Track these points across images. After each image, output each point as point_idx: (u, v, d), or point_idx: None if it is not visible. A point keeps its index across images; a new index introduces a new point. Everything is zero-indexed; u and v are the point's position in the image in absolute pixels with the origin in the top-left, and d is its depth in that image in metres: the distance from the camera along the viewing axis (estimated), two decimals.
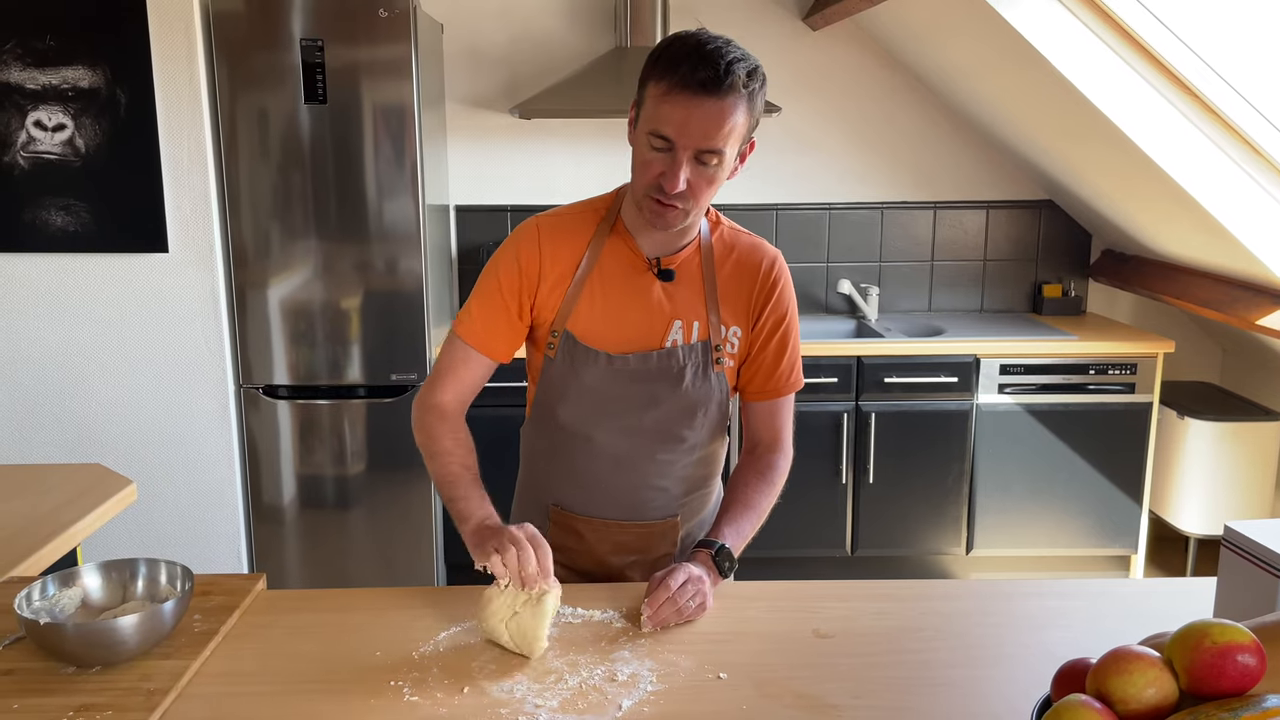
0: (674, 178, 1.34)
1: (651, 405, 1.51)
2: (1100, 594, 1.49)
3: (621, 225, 1.50)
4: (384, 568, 3.39)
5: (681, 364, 1.49)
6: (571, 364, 1.49)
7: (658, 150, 1.34)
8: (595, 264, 1.48)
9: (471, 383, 1.53)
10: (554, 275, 1.48)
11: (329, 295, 3.23)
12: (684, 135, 1.32)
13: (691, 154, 1.33)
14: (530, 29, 3.71)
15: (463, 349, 1.51)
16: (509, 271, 1.49)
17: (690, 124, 1.31)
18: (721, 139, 1.32)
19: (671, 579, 1.35)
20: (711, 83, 1.29)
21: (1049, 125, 3.31)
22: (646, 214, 1.40)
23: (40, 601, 1.28)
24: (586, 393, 1.50)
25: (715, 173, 1.36)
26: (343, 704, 1.17)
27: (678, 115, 1.31)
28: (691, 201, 1.37)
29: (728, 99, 1.31)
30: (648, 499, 1.56)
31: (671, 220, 1.40)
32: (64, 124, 3.07)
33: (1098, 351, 3.42)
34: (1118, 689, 0.87)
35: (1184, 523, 3.51)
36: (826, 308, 3.97)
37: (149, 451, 3.27)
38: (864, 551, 3.55)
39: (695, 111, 1.30)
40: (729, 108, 1.31)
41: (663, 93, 1.32)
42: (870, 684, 1.22)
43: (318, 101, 3.10)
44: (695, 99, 1.30)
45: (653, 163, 1.35)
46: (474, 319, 1.50)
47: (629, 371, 1.49)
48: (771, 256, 1.54)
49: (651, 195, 1.37)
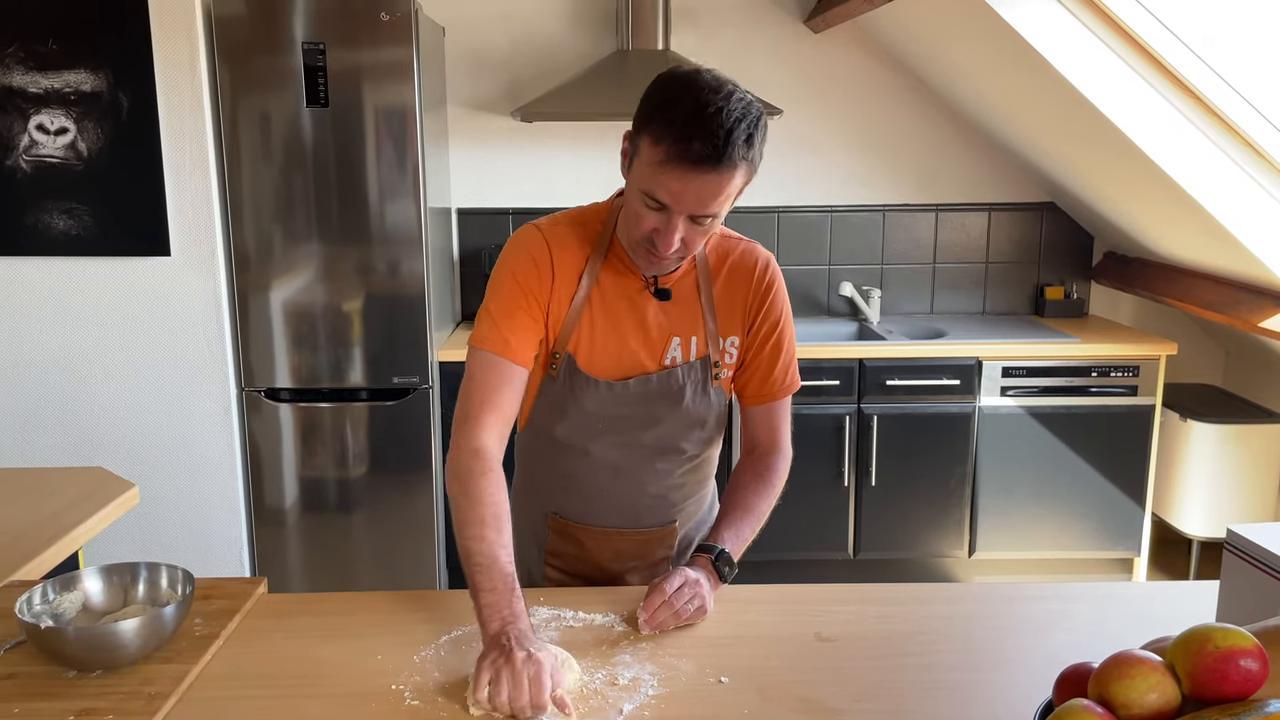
0: (668, 239, 1.31)
1: (652, 424, 1.50)
2: (1103, 598, 1.49)
3: (618, 245, 1.46)
4: (386, 571, 3.39)
5: (681, 383, 1.49)
6: (571, 388, 1.48)
7: (651, 209, 1.31)
8: (594, 285, 1.46)
9: (512, 406, 1.42)
10: (562, 284, 1.44)
11: (331, 298, 3.23)
12: (680, 204, 1.28)
13: (686, 217, 1.30)
14: (532, 32, 3.71)
15: (496, 364, 1.40)
16: (526, 272, 1.42)
17: (686, 195, 1.27)
18: (718, 205, 1.29)
19: (668, 583, 1.35)
20: (711, 158, 1.23)
21: (1051, 127, 3.30)
22: (640, 258, 1.39)
23: (41, 605, 1.28)
24: (585, 414, 1.49)
25: (711, 226, 1.34)
26: (344, 708, 1.17)
27: (674, 186, 1.26)
28: (685, 252, 1.36)
29: (726, 171, 1.25)
30: (646, 506, 1.56)
31: (664, 267, 1.40)
32: (66, 127, 3.08)
33: (1100, 354, 3.42)
34: (1120, 694, 0.86)
35: (1187, 526, 3.50)
36: (828, 310, 3.96)
37: (151, 455, 3.27)
38: (866, 554, 3.54)
39: (692, 184, 1.26)
40: (726, 178, 1.26)
41: (658, 160, 1.25)
42: (872, 687, 1.21)
43: (319, 105, 3.10)
44: (691, 172, 1.24)
45: (645, 218, 1.32)
46: (499, 327, 1.40)
47: (629, 395, 1.48)
48: (765, 260, 1.52)
49: (645, 245, 1.35)
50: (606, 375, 1.47)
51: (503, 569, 1.28)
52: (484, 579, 1.27)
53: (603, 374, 1.47)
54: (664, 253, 1.33)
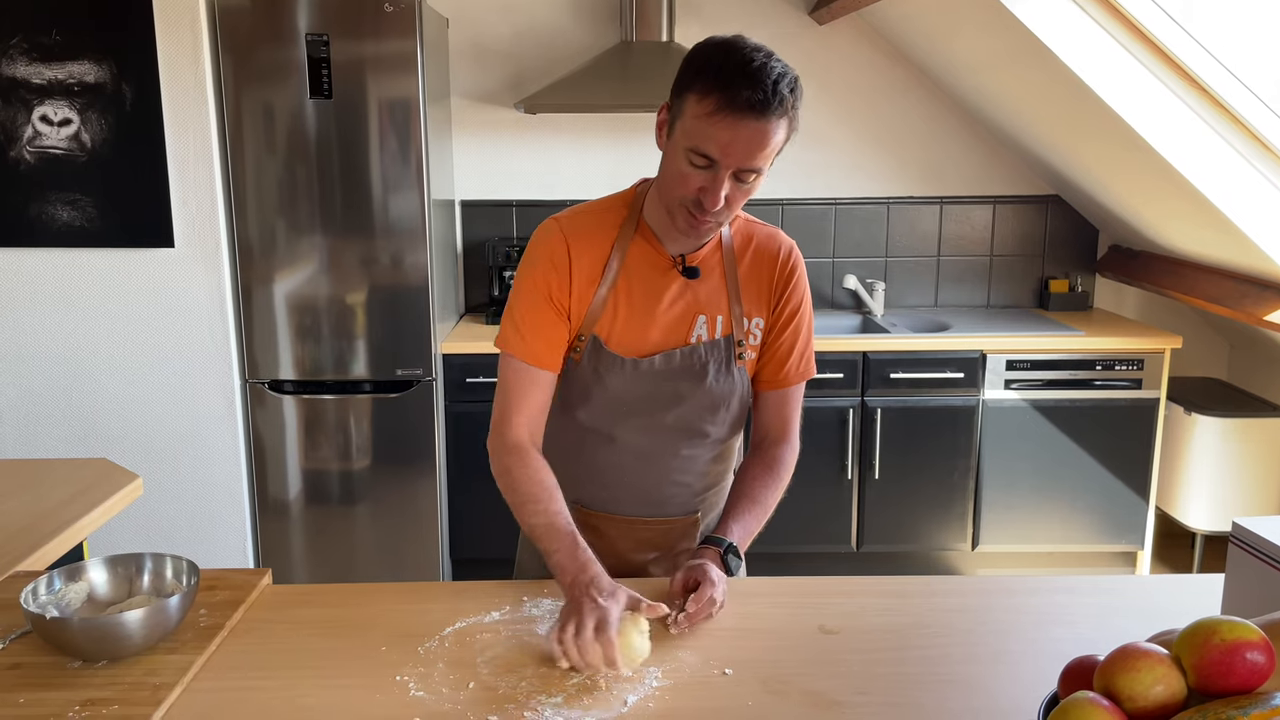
0: (715, 195, 1.32)
1: (675, 403, 1.51)
2: (1107, 590, 1.49)
3: (645, 226, 1.48)
4: (390, 562, 3.40)
5: (704, 360, 1.49)
6: (595, 368, 1.49)
7: (697, 167, 1.32)
8: (621, 267, 1.47)
9: (541, 406, 1.48)
10: (582, 278, 1.46)
11: (334, 290, 3.23)
12: (728, 156, 1.30)
13: (732, 172, 1.32)
14: (535, 23, 3.70)
15: (524, 370, 1.46)
16: (546, 275, 1.45)
17: (736, 145, 1.29)
18: (764, 158, 1.31)
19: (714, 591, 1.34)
20: (761, 105, 1.26)
21: (1056, 120, 3.29)
22: (680, 224, 1.40)
23: (46, 596, 1.28)
24: (609, 395, 1.50)
25: (753, 186, 1.35)
26: (348, 699, 1.17)
27: (724, 136, 1.28)
28: (727, 214, 1.37)
29: (774, 120, 1.28)
30: (670, 495, 1.57)
31: (705, 232, 1.41)
32: (70, 119, 3.08)
33: (1104, 347, 3.41)
34: (1125, 686, 0.86)
35: (1191, 519, 3.50)
36: (832, 303, 3.96)
37: (155, 446, 3.27)
38: (870, 547, 3.55)
39: (742, 133, 1.28)
40: (774, 128, 1.29)
41: (708, 111, 1.28)
42: (876, 680, 1.21)
43: (323, 96, 3.10)
44: (742, 120, 1.27)
45: (691, 177, 1.33)
46: (524, 334, 1.46)
47: (653, 373, 1.49)
48: (788, 245, 1.55)
49: (687, 208, 1.36)
50: (631, 353, 1.48)
51: (560, 528, 1.37)
52: (548, 543, 1.37)
53: (628, 352, 1.48)
54: (711, 209, 1.33)
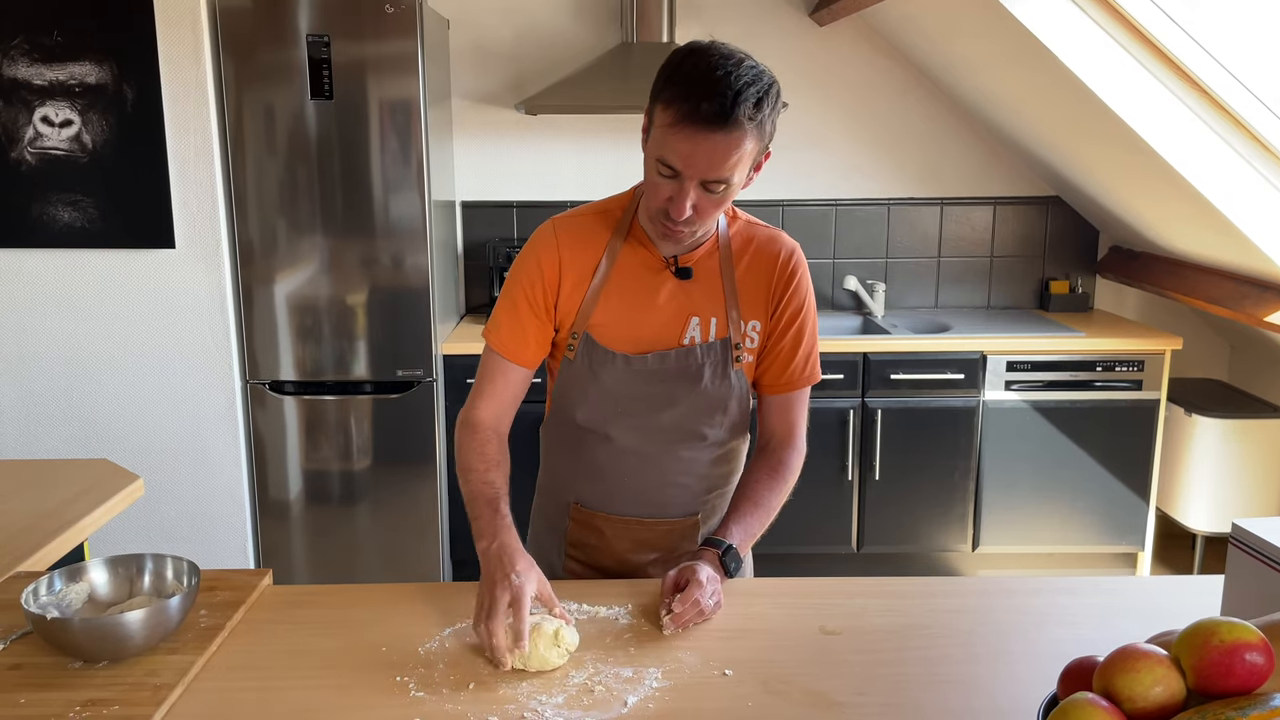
0: (680, 205, 1.33)
1: (669, 405, 1.51)
2: (1107, 591, 1.49)
3: (638, 227, 1.49)
4: (390, 563, 3.40)
5: (700, 363, 1.49)
6: (590, 365, 1.50)
7: (665, 177, 1.33)
8: (613, 266, 1.48)
9: (509, 394, 1.53)
10: (573, 278, 1.48)
11: (335, 291, 3.23)
12: (690, 167, 1.30)
13: (698, 183, 1.32)
14: (536, 24, 3.71)
15: (496, 360, 1.51)
16: (531, 277, 1.48)
17: (696, 157, 1.28)
18: (728, 169, 1.30)
19: (700, 592, 1.33)
20: (718, 117, 1.25)
21: (1057, 121, 3.29)
22: (656, 232, 1.42)
23: (47, 596, 1.28)
24: (605, 393, 1.51)
25: (724, 196, 1.35)
26: (348, 699, 1.17)
27: (683, 148, 1.28)
28: (698, 224, 1.38)
29: (734, 132, 1.27)
30: (670, 496, 1.56)
31: (680, 240, 1.42)
32: (71, 120, 3.08)
33: (1105, 348, 3.41)
34: (1125, 687, 0.86)
35: (1191, 520, 3.50)
36: (833, 304, 3.96)
37: (156, 447, 3.28)
38: (870, 548, 3.55)
39: (701, 145, 1.27)
40: (736, 140, 1.28)
41: (669, 122, 1.28)
42: (876, 681, 1.22)
43: (324, 97, 3.10)
44: (701, 132, 1.26)
45: (660, 187, 1.34)
46: (502, 328, 1.51)
47: (646, 372, 1.49)
48: (790, 248, 1.54)
49: (659, 219, 1.38)
50: (624, 348, 1.49)
51: (484, 495, 1.43)
52: (471, 508, 1.43)
53: (620, 347, 1.49)
54: (676, 218, 1.34)
